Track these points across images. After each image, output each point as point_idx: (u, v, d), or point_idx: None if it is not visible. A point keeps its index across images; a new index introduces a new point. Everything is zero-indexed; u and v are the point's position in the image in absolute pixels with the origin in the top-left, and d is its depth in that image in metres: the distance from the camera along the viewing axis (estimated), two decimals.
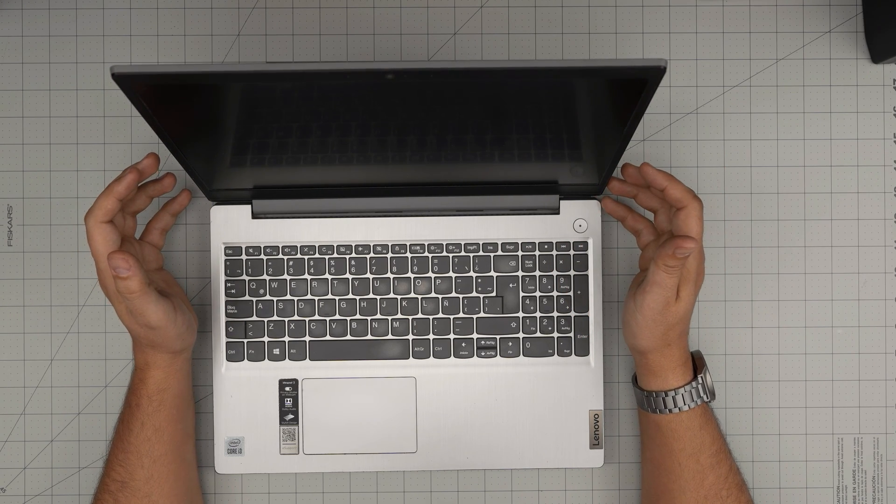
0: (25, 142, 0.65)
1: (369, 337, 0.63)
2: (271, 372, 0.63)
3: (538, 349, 0.63)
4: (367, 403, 0.63)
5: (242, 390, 0.63)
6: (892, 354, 0.65)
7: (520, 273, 0.63)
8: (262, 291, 0.63)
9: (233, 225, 0.63)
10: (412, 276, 0.63)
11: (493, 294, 0.63)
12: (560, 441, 0.63)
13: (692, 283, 0.55)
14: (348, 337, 0.63)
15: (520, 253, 0.63)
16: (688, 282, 0.55)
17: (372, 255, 0.63)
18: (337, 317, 0.63)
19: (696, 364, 0.59)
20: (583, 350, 0.63)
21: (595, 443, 0.63)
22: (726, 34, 0.66)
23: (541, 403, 0.63)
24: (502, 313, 0.63)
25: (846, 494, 0.65)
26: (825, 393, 0.65)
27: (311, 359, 0.63)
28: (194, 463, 0.62)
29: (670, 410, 0.57)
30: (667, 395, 0.57)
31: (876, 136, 0.66)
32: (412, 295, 0.63)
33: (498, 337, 0.63)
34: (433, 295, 0.63)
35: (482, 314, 0.63)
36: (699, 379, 0.58)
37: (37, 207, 0.65)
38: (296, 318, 0.63)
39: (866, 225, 0.65)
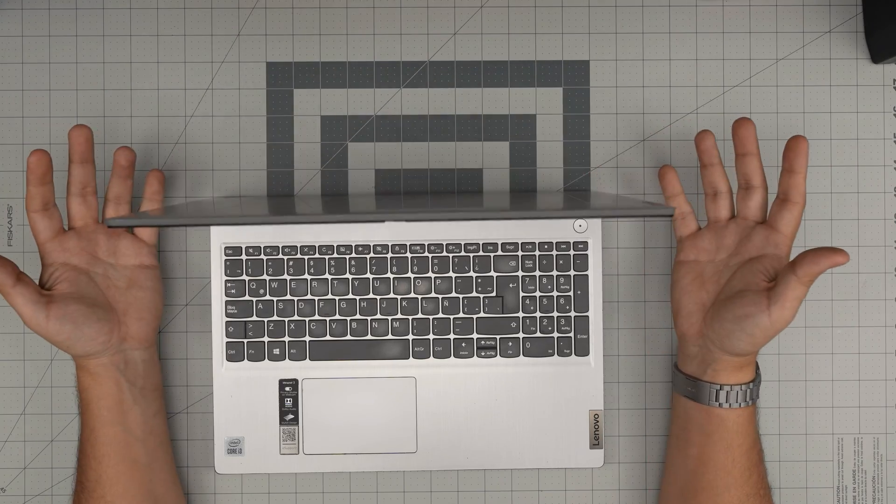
0: (25, 142, 0.65)
1: (369, 337, 0.63)
2: (271, 372, 0.63)
3: (538, 349, 0.63)
4: (367, 403, 0.63)
5: (242, 390, 0.63)
6: (892, 354, 0.65)
7: (520, 273, 0.63)
8: (262, 291, 0.63)
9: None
10: (412, 276, 0.63)
11: (493, 294, 0.63)
12: (560, 441, 0.63)
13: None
14: (348, 337, 0.63)
15: (520, 253, 0.63)
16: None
17: (372, 255, 0.63)
18: (337, 317, 0.63)
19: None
20: (583, 350, 0.63)
21: (595, 443, 0.63)
22: (726, 34, 0.66)
23: (541, 403, 0.63)
24: (502, 313, 0.63)
25: (846, 494, 0.65)
26: (825, 393, 0.65)
27: (311, 359, 0.63)
28: (157, 464, 0.60)
29: (740, 404, 0.57)
30: (750, 387, 0.57)
31: (876, 136, 0.66)
32: (412, 295, 0.63)
33: (498, 337, 0.63)
34: (433, 295, 0.63)
35: (482, 314, 0.63)
36: (758, 378, 0.58)
37: None
38: (296, 318, 0.63)
39: (866, 225, 0.65)
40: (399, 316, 0.63)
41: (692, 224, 0.61)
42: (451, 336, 0.63)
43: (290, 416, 0.63)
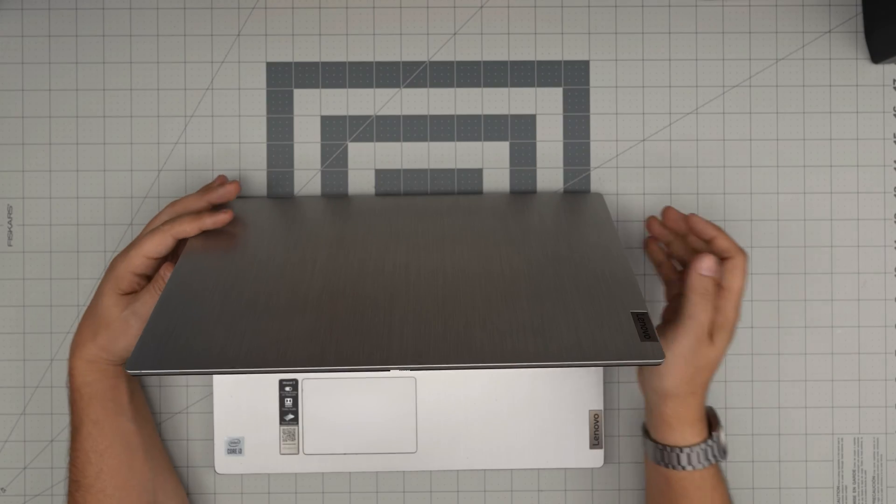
0: (25, 142, 0.65)
1: None
2: None
3: None
4: (366, 403, 0.63)
5: (242, 390, 0.63)
6: (892, 354, 0.65)
7: None
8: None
9: None
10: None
11: None
12: (560, 441, 0.63)
13: (726, 330, 0.54)
14: None
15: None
16: (722, 328, 0.54)
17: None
18: None
19: (711, 421, 0.57)
20: None
21: (595, 443, 0.63)
22: (726, 34, 0.66)
23: (541, 403, 0.63)
24: None
25: (846, 494, 0.65)
26: (825, 393, 0.65)
27: None
28: (153, 452, 0.61)
29: (683, 467, 0.56)
30: (682, 451, 0.55)
31: (876, 136, 0.66)
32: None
33: None
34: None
35: None
36: (714, 437, 0.56)
37: (37, 207, 0.65)
38: None
39: (866, 225, 0.66)
40: None
41: (674, 289, 0.60)
42: None
43: (290, 416, 0.63)
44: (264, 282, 0.53)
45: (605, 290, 0.51)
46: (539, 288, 0.51)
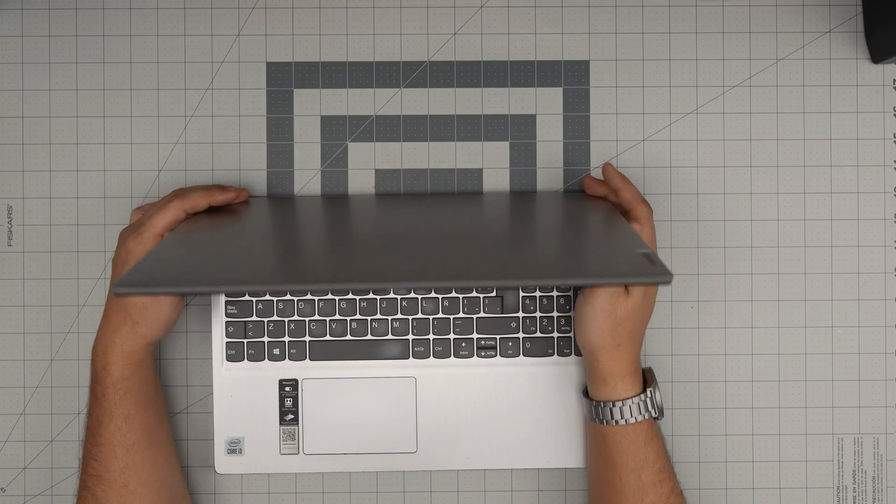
0: (25, 142, 0.65)
1: (369, 337, 0.63)
2: (271, 372, 0.63)
3: (538, 349, 0.63)
4: (366, 403, 0.63)
5: (242, 390, 0.63)
6: (892, 354, 0.65)
7: None
8: (261, 291, 0.63)
9: None
10: None
11: (493, 294, 0.63)
12: (560, 441, 0.63)
13: None
14: (348, 337, 0.63)
15: None
16: None
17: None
18: (337, 317, 0.63)
19: (647, 379, 0.59)
20: None
21: None
22: (726, 34, 0.66)
23: (541, 403, 0.63)
24: (502, 313, 0.63)
25: (846, 494, 0.65)
26: (825, 393, 0.65)
27: (311, 359, 0.63)
28: (171, 448, 0.61)
29: (616, 422, 0.57)
30: (614, 406, 0.57)
31: (876, 136, 0.66)
32: (412, 295, 0.63)
33: (498, 337, 0.63)
34: (433, 295, 0.63)
35: (482, 314, 0.63)
36: (648, 392, 0.58)
37: (37, 207, 0.65)
38: (296, 318, 0.63)
39: (866, 225, 0.66)
40: (399, 316, 0.63)
41: None
42: (451, 336, 0.63)
43: (290, 416, 0.63)
44: (262, 237, 0.54)
45: (610, 240, 0.52)
46: (542, 237, 0.52)
